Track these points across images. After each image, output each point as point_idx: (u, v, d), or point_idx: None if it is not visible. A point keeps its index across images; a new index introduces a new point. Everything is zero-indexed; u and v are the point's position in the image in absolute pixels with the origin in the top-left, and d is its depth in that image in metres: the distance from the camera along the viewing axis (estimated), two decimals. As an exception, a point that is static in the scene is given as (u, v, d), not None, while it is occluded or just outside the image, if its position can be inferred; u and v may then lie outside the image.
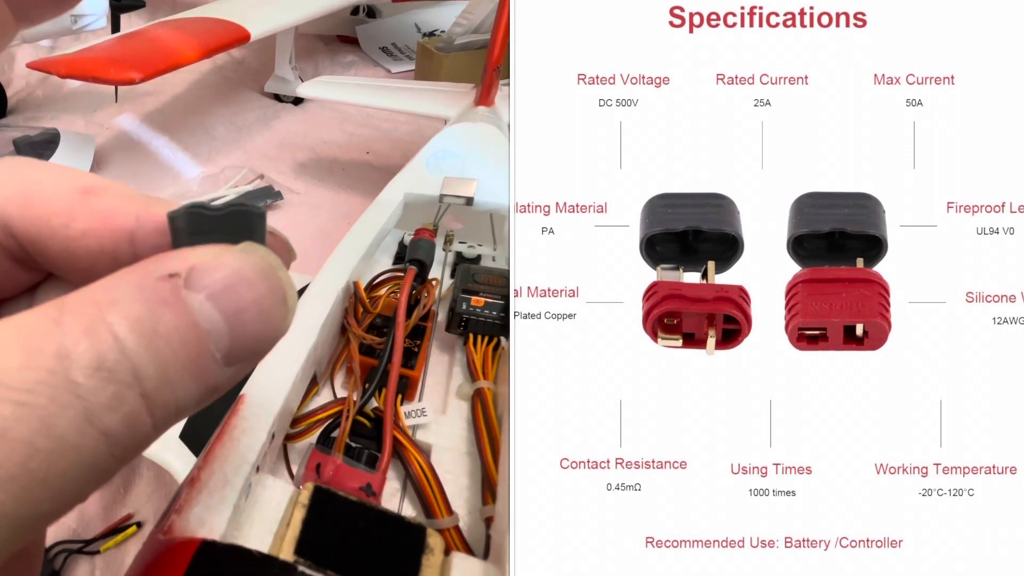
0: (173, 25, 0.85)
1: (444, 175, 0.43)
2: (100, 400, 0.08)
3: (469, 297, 0.37)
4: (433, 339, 0.38)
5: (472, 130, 0.46)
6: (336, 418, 0.30)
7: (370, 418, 0.31)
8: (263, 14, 0.88)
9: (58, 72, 0.72)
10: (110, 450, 0.08)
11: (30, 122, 1.08)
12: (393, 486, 0.30)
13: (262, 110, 1.21)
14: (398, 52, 1.50)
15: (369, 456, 0.29)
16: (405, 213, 0.46)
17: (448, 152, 0.44)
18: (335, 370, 0.35)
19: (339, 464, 0.28)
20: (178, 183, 0.98)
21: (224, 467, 0.23)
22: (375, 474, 0.28)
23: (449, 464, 0.30)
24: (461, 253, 0.45)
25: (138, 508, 0.50)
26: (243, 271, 0.09)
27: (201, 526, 0.20)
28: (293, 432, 0.30)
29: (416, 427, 0.32)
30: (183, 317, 0.09)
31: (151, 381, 0.08)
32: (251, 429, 0.25)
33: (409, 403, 0.34)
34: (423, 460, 0.29)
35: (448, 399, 0.34)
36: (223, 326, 0.09)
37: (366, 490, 0.28)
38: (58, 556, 0.47)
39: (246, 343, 0.09)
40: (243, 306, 0.09)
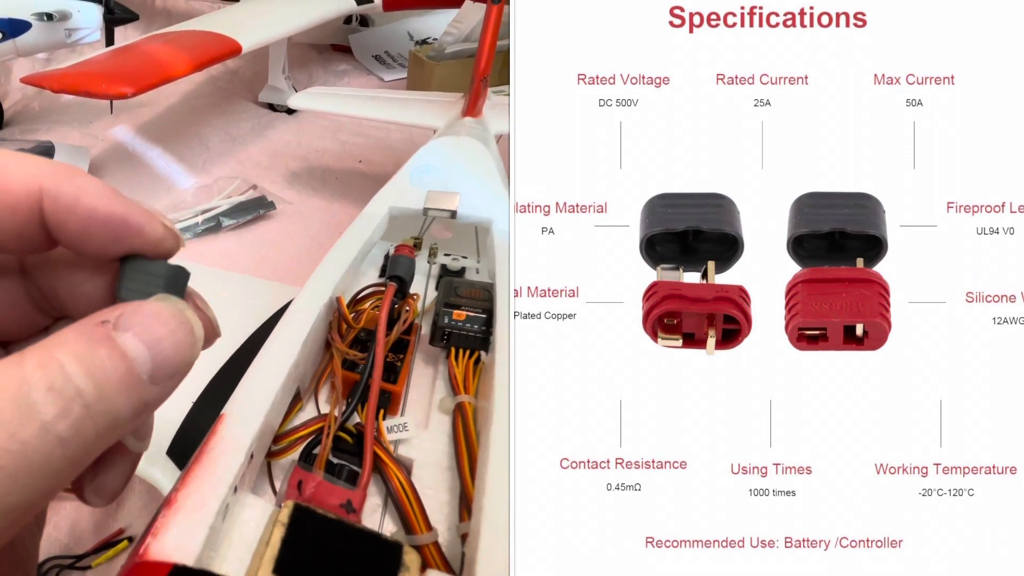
0: (165, 39, 0.85)
1: (427, 189, 0.44)
2: (51, 411, 0.11)
3: (451, 311, 0.37)
4: (416, 353, 0.39)
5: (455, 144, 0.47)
6: (318, 434, 0.30)
7: (352, 434, 0.31)
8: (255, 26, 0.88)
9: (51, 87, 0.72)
10: (63, 452, 0.11)
11: (26, 134, 1.08)
12: (375, 502, 0.30)
13: (256, 120, 1.22)
14: (391, 60, 1.50)
15: (350, 472, 0.29)
16: (391, 226, 0.46)
17: (431, 166, 0.44)
18: (319, 385, 0.35)
19: (320, 481, 0.28)
20: (172, 193, 0.98)
21: (201, 489, 0.23)
22: (355, 491, 0.28)
23: (430, 479, 0.31)
24: (446, 266, 0.45)
25: (130, 523, 0.51)
26: (160, 313, 0.13)
27: (176, 549, 0.20)
28: (276, 449, 0.30)
29: (398, 442, 0.33)
30: (114, 349, 0.12)
31: (91, 396, 0.12)
32: (230, 450, 0.25)
33: (392, 417, 0.34)
34: (403, 476, 0.29)
35: (431, 413, 0.35)
36: (146, 353, 0.12)
37: (346, 507, 0.28)
38: (50, 571, 0.48)
39: (165, 365, 0.13)
40: (160, 337, 0.12)
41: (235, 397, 0.28)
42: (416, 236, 0.46)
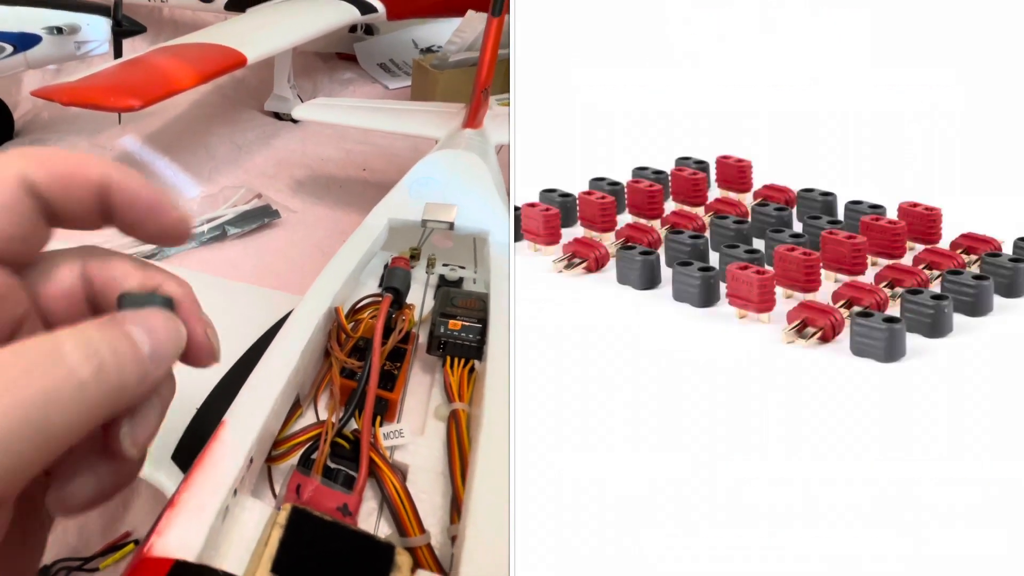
0: (171, 51, 0.87)
1: (426, 201, 0.45)
2: (77, 358, 0.15)
3: (447, 320, 0.38)
4: (414, 361, 0.40)
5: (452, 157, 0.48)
6: (316, 440, 0.32)
7: (350, 440, 0.32)
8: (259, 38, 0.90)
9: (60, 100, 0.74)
10: (82, 396, 0.15)
11: (35, 144, 1.10)
12: (371, 505, 0.31)
13: (261, 128, 1.23)
14: (396, 68, 1.52)
15: (346, 477, 0.30)
16: (391, 237, 0.47)
17: (430, 179, 0.46)
18: (319, 393, 0.36)
19: (317, 485, 0.29)
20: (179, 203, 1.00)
21: (202, 491, 0.24)
22: (351, 495, 0.29)
23: (424, 484, 0.32)
24: (444, 276, 0.46)
25: (136, 526, 0.52)
26: (155, 314, 0.18)
27: (178, 547, 0.21)
28: (276, 454, 0.31)
29: (395, 447, 0.34)
30: (125, 332, 0.17)
31: (108, 357, 0.16)
32: (229, 454, 0.26)
33: (389, 424, 0.35)
34: (397, 481, 0.30)
35: (427, 420, 0.36)
36: (146, 339, 0.17)
37: (343, 510, 0.29)
38: (59, 572, 0.49)
39: (160, 349, 0.17)
40: (156, 328, 0.17)
41: (236, 404, 0.30)
42: (415, 247, 0.47)
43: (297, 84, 1.27)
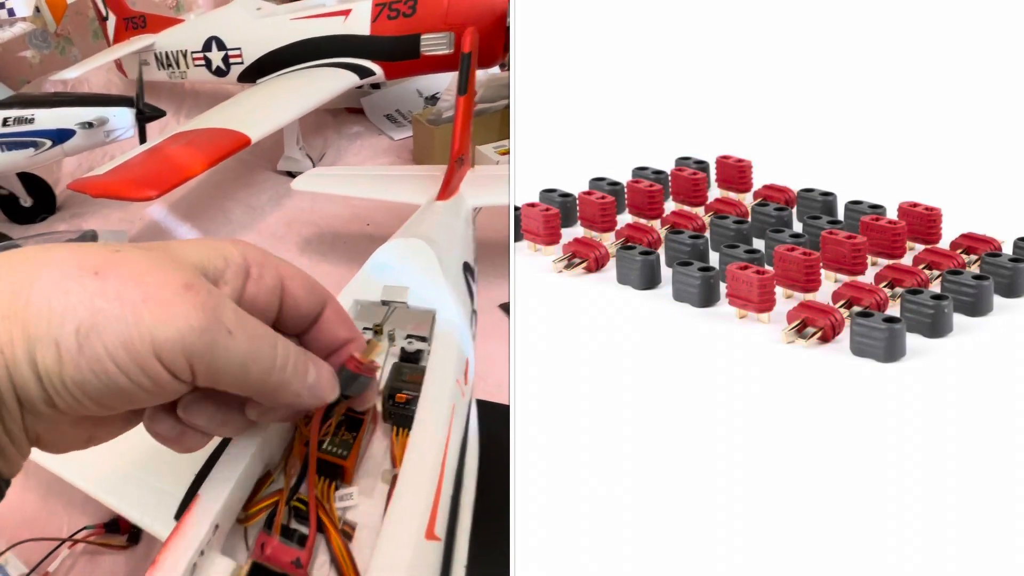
0: (183, 139, 0.98)
1: (384, 284, 0.52)
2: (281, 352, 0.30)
3: (395, 393, 0.45)
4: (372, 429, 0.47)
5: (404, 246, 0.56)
6: (276, 505, 0.39)
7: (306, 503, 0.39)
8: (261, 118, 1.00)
9: (92, 193, 0.86)
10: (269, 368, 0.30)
11: (75, 219, 1.23)
12: (324, 559, 0.38)
13: (274, 189, 1.34)
14: (401, 118, 1.61)
15: (300, 536, 0.37)
16: (358, 313, 0.55)
17: (386, 264, 0.53)
18: (289, 461, 0.44)
19: (276, 543, 0.37)
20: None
21: (175, 552, 0.32)
22: (303, 551, 0.36)
23: (368, 540, 0.39)
24: (404, 348, 0.53)
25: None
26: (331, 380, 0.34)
27: (152, 604, 0.29)
28: (244, 516, 0.39)
29: (346, 508, 0.41)
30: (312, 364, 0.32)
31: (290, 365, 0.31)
32: (198, 522, 0.34)
33: (344, 487, 0.42)
34: (339, 540, 0.37)
35: (376, 483, 0.43)
36: (314, 379, 0.32)
37: (296, 563, 0.36)
38: None
39: (317, 390, 0.33)
40: (325, 382, 0.33)
41: (208, 479, 0.37)
42: (378, 323, 0.54)
43: (306, 144, 1.37)
